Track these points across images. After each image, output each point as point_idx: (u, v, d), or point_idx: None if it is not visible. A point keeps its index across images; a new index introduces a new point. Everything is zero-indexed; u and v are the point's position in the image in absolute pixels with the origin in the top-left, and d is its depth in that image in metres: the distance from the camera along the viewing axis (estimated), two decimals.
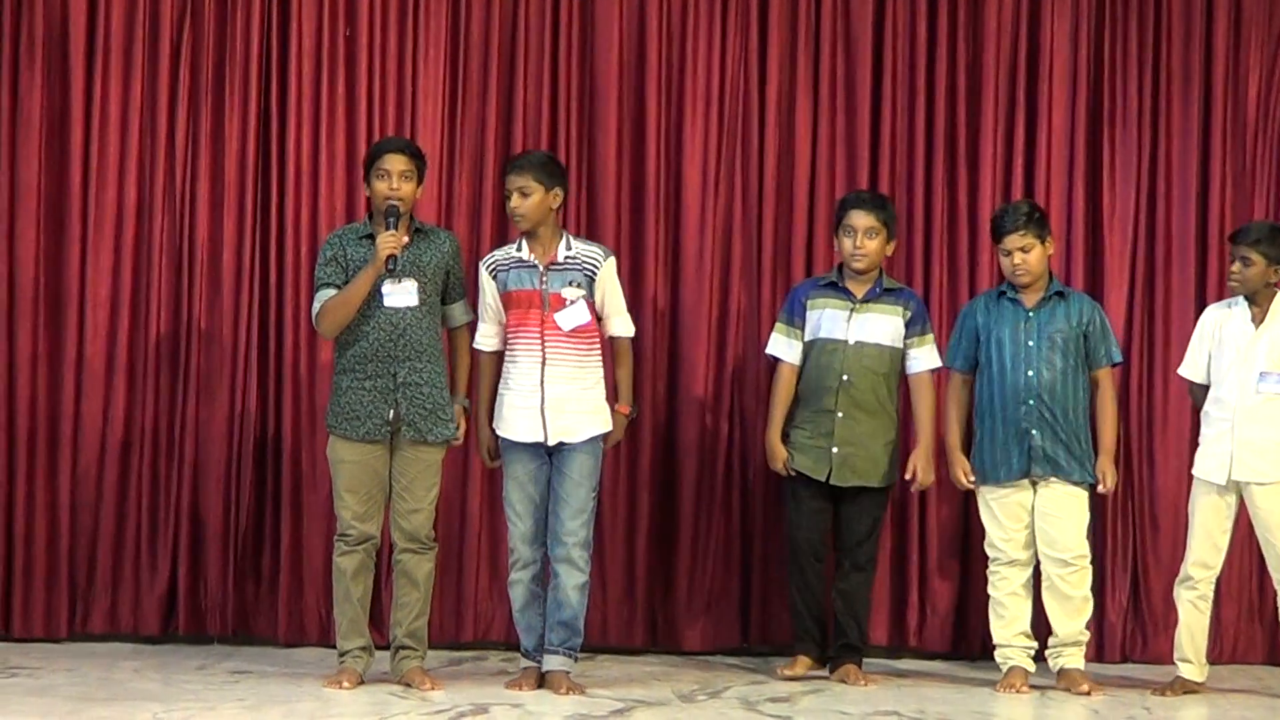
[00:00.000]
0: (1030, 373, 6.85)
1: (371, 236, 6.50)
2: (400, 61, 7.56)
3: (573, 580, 6.53)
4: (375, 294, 6.47)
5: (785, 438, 7.01)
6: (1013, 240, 6.84)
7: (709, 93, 7.62)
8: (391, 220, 6.44)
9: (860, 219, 6.91)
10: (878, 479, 6.96)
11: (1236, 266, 6.78)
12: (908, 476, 6.95)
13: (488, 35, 7.57)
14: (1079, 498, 6.90)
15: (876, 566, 7.13)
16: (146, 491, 7.48)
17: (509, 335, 6.61)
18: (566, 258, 6.57)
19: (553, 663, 6.57)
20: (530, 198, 6.51)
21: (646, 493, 7.57)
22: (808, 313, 7.00)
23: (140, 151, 7.49)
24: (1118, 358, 7.02)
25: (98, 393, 7.46)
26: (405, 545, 6.59)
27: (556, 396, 6.53)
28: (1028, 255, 6.85)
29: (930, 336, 7.02)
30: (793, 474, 6.97)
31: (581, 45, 7.59)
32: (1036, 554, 6.92)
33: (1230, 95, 7.69)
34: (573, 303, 6.53)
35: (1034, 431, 6.84)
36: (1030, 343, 6.87)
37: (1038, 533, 6.89)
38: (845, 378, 6.89)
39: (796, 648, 7.07)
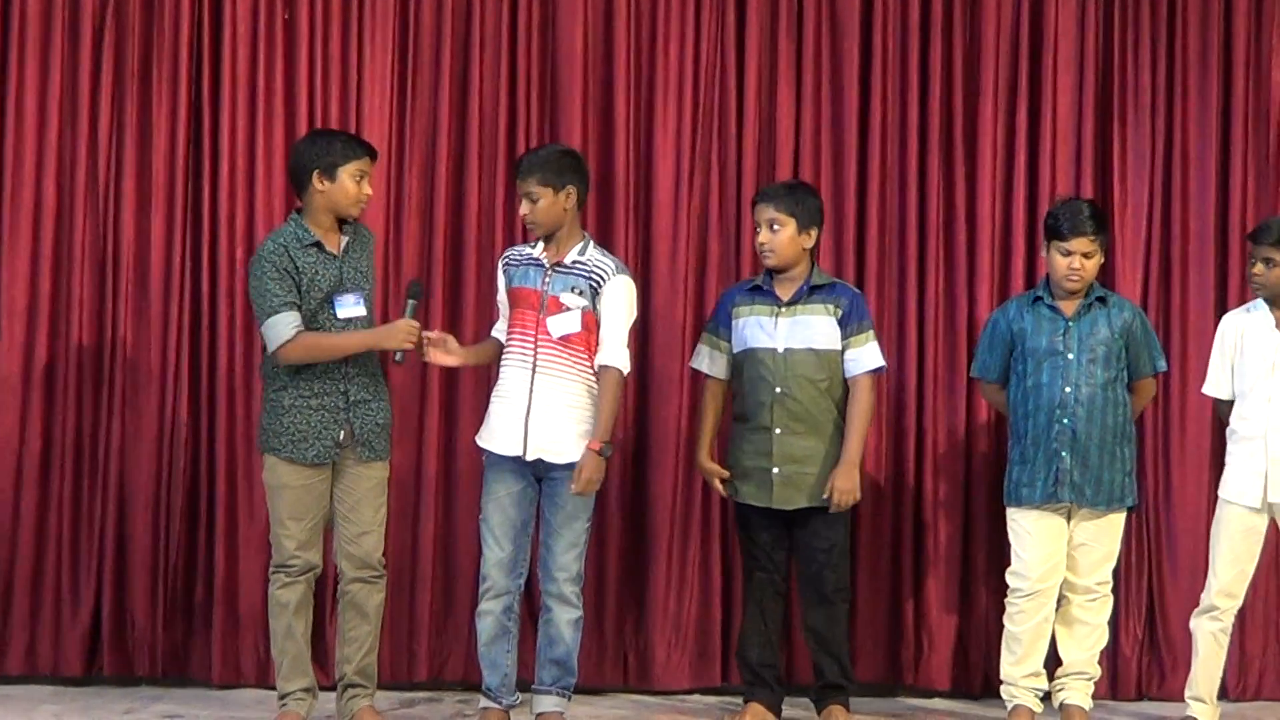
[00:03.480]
0: (1068, 388, 6.81)
1: (319, 245, 6.45)
2: (344, 47, 7.52)
3: (566, 615, 6.58)
4: (326, 306, 6.45)
5: (726, 460, 6.99)
6: (1080, 244, 6.79)
7: (682, 79, 7.59)
8: (415, 302, 6.50)
9: (763, 211, 6.87)
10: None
11: (1259, 268, 6.77)
12: (824, 495, 6.81)
13: (440, 18, 7.55)
14: (1115, 525, 6.91)
15: (849, 597, 7.06)
16: (67, 518, 7.44)
17: (507, 337, 6.67)
18: (574, 262, 6.58)
19: (545, 704, 6.63)
20: (539, 203, 6.54)
21: (616, 516, 7.53)
22: (733, 321, 6.95)
23: (59, 146, 7.47)
24: (1162, 365, 6.97)
25: (13, 410, 7.43)
26: (354, 574, 6.56)
27: (543, 407, 6.53)
28: (1088, 261, 6.81)
29: (869, 334, 6.88)
30: (732, 495, 6.95)
31: (542, 28, 7.57)
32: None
33: (1252, 79, 7.68)
34: (568, 310, 6.54)
35: (1064, 454, 6.80)
36: (1070, 355, 6.83)
37: (1066, 559, 6.90)
38: (778, 390, 6.82)
39: (746, 695, 7.03)
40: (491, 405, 6.66)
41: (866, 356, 6.88)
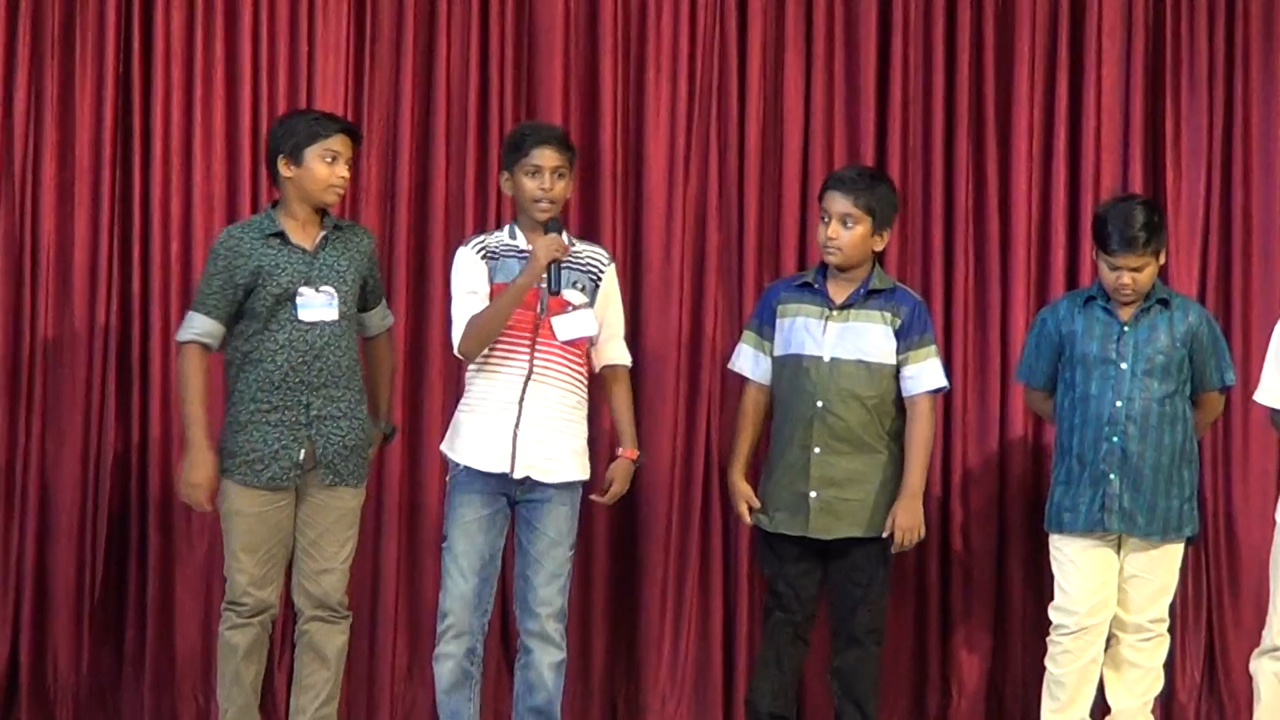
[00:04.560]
0: (1119, 403, 6.63)
1: (283, 235, 6.33)
2: (293, 11, 7.36)
3: (549, 658, 6.44)
4: (287, 305, 6.32)
5: (759, 481, 6.81)
6: (1128, 260, 6.62)
7: (676, 49, 7.49)
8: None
9: (836, 202, 6.66)
10: (874, 528, 6.65)
11: None
12: (885, 533, 6.65)
13: None
14: (1172, 556, 6.74)
15: (883, 639, 6.86)
16: None
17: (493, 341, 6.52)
18: (571, 254, 6.51)
19: None
20: (564, 180, 6.49)
21: (603, 543, 7.41)
22: (778, 320, 6.76)
23: None
24: (1230, 379, 6.80)
25: None
26: (313, 613, 6.41)
27: (537, 420, 6.39)
28: (1139, 275, 6.63)
29: (931, 349, 6.73)
30: (759, 525, 6.77)
31: None
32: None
33: None
34: (575, 308, 6.44)
35: (1112, 476, 6.64)
36: (1123, 365, 6.65)
37: (1117, 592, 6.76)
38: (820, 404, 6.62)
39: None
40: (466, 415, 6.47)
41: (928, 374, 6.71)
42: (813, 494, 6.62)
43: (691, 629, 7.42)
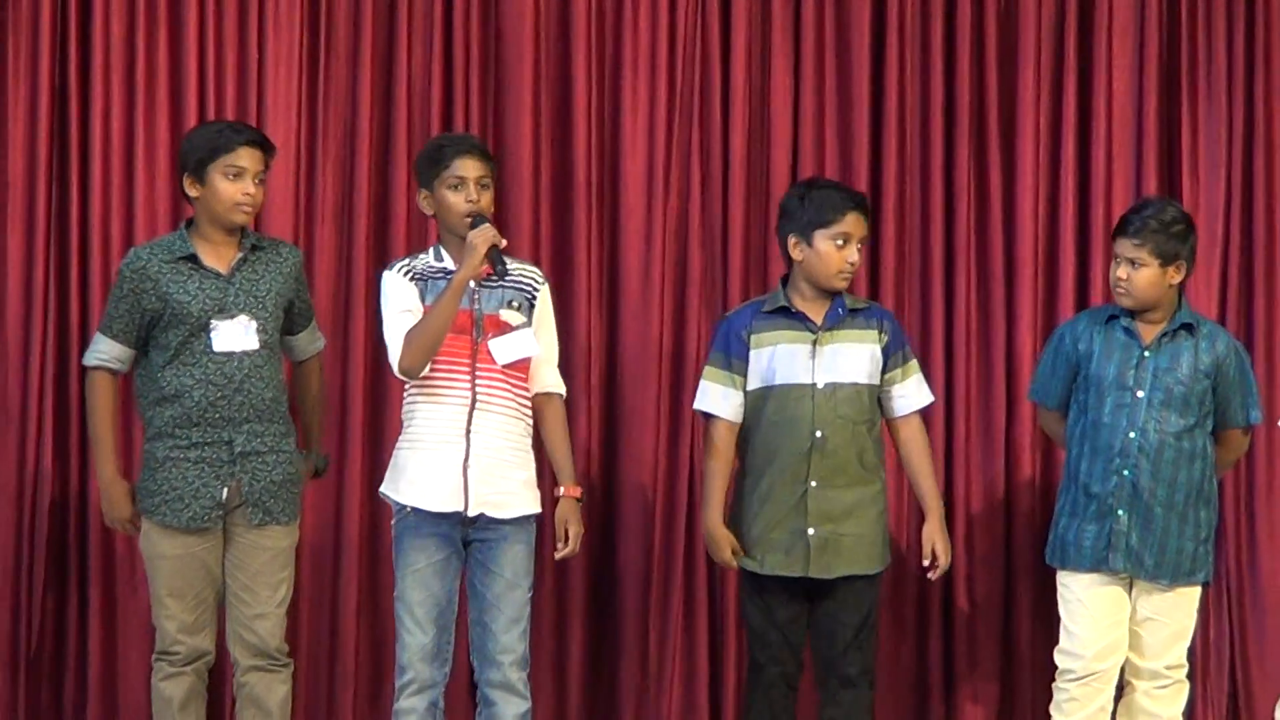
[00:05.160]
0: (1133, 434, 6.45)
1: (194, 258, 6.17)
2: (242, 16, 7.22)
3: (514, 708, 6.29)
4: (200, 337, 6.18)
5: (735, 523, 6.58)
6: (1124, 246, 6.50)
7: (655, 53, 7.38)
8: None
9: (861, 226, 6.52)
10: (871, 563, 6.51)
11: None
12: (926, 560, 6.54)
13: None
14: (1188, 599, 6.55)
15: (875, 681, 6.67)
16: None
17: (430, 369, 6.40)
18: (502, 272, 6.39)
19: None
20: (489, 192, 6.35)
21: (579, 586, 7.29)
22: (750, 351, 6.52)
23: None
24: (1256, 417, 6.63)
25: None
26: (251, 663, 6.27)
27: (486, 452, 6.24)
28: (1134, 272, 6.44)
29: (916, 363, 6.65)
30: (748, 566, 6.55)
31: None
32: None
33: None
34: (514, 329, 6.30)
35: (1120, 512, 6.45)
36: (1140, 392, 6.46)
37: (1130, 636, 6.58)
38: (818, 434, 6.42)
39: None
40: (409, 453, 6.31)
41: (919, 392, 6.66)
42: (811, 530, 6.46)
43: (675, 679, 7.28)
